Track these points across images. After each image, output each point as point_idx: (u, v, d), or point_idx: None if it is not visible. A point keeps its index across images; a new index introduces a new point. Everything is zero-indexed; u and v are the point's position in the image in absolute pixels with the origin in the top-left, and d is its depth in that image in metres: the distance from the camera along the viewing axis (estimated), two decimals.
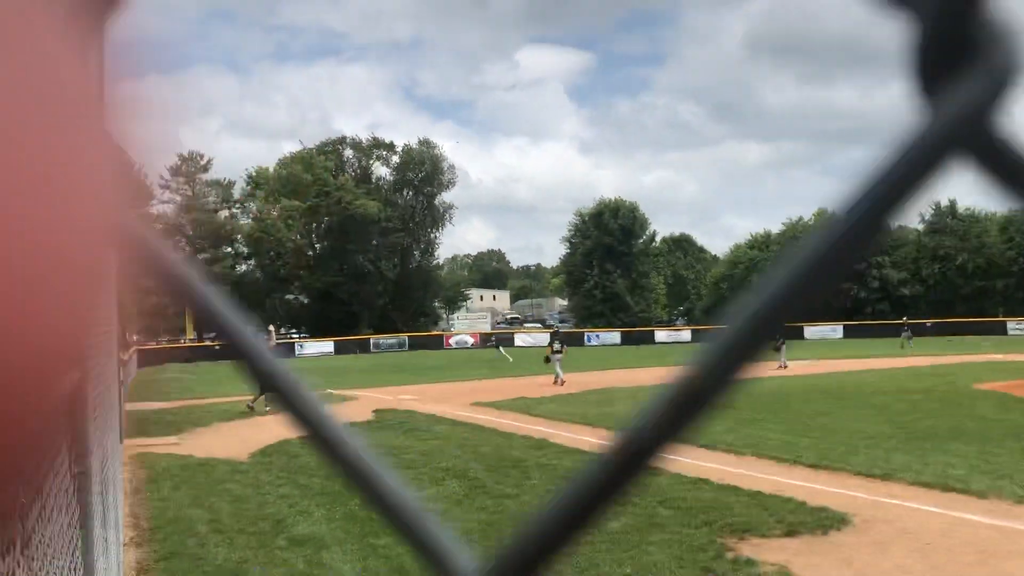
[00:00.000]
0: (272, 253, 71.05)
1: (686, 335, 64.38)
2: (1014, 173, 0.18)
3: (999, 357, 31.16)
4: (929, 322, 63.05)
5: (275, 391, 0.31)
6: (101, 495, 4.05)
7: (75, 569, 2.81)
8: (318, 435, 0.30)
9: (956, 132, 0.18)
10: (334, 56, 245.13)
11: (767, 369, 28.04)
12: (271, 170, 74.90)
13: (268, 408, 18.20)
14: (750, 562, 6.72)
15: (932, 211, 72.15)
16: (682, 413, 0.21)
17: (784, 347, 29.26)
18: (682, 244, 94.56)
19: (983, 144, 0.18)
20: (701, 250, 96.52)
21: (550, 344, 26.18)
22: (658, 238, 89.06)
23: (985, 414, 14.74)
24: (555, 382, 23.98)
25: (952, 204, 71.98)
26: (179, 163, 72.91)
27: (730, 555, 6.95)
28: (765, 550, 7.10)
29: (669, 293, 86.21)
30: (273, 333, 20.96)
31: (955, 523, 7.73)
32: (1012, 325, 59.51)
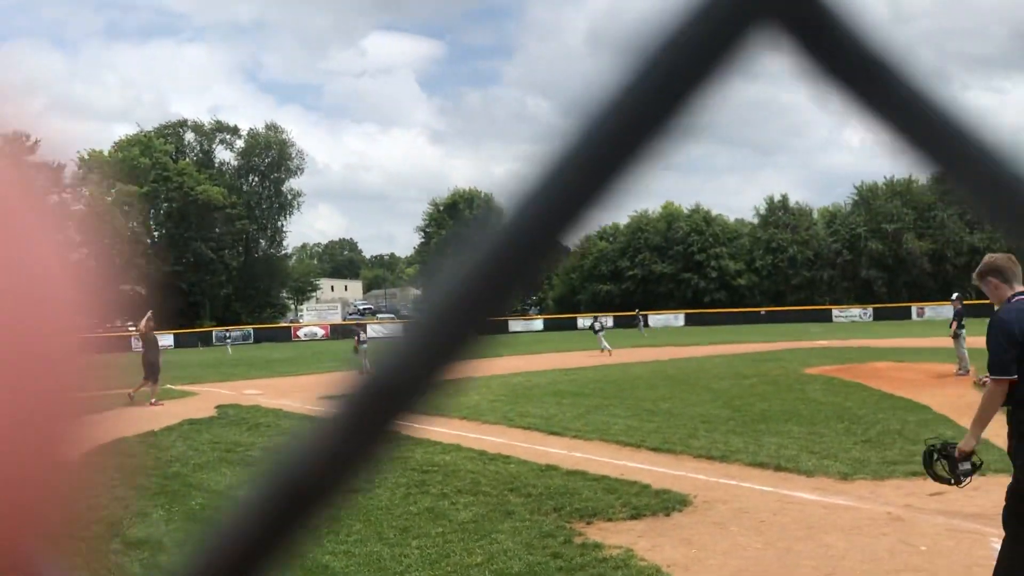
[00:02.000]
0: (106, 240, 67.05)
1: (538, 324, 65.61)
2: (832, 41, 0.14)
3: (825, 343, 33.30)
4: (763, 310, 66.73)
5: None
6: None
7: None
8: None
9: None
10: (171, 36, 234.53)
11: (598, 356, 28.79)
12: (106, 153, 70.77)
13: (152, 401, 17.54)
14: (597, 546, 6.84)
15: (766, 205, 76.47)
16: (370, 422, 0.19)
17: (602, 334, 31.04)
18: None
19: (797, 6, 0.14)
20: None
21: (356, 336, 27.15)
22: None
23: (814, 397, 15.68)
24: (360, 373, 24.37)
25: (784, 198, 76.42)
26: (0, 143, 67.80)
27: (578, 540, 7.06)
28: (611, 533, 7.25)
29: None
30: (151, 318, 18.77)
31: (786, 501, 8.15)
32: (836, 312, 63.93)
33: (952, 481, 5.17)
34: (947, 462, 5.16)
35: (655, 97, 0.15)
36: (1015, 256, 5.19)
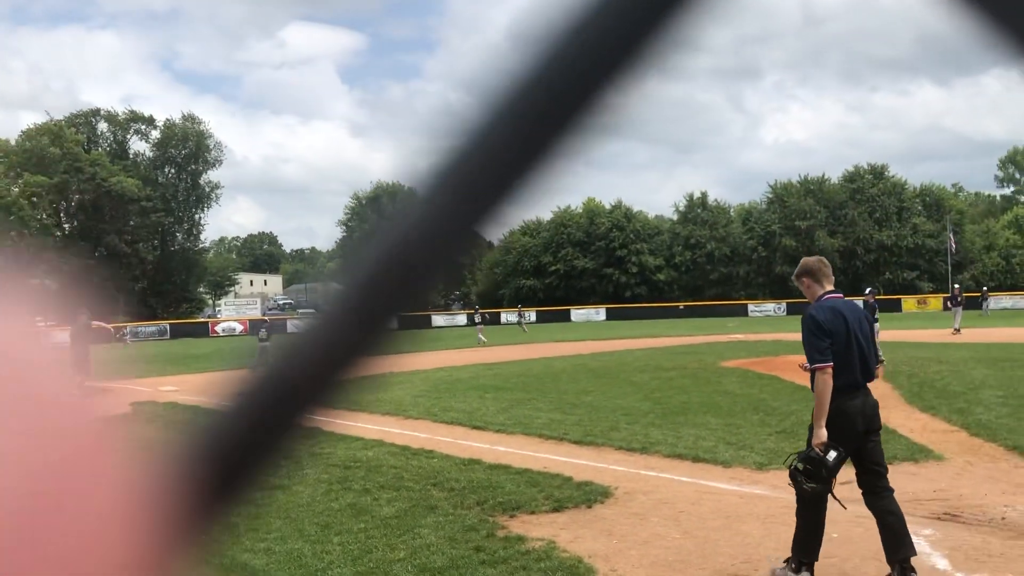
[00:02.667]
0: (14, 233, 64.47)
1: (461, 319, 65.61)
2: None
3: (741, 337, 34.13)
4: (681, 305, 68.01)
5: None
6: None
7: None
8: None
9: None
10: (81, 22, 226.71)
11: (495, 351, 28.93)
12: (12, 142, 67.84)
13: None
14: (519, 539, 6.89)
15: (686, 202, 77.89)
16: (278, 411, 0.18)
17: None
18: None
19: None
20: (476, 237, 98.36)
21: (258, 332, 27.28)
22: None
23: (731, 389, 16.05)
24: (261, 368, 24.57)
25: (703, 196, 77.97)
26: None
27: (501, 533, 7.09)
28: (534, 526, 7.31)
29: None
30: (84, 313, 17.69)
31: (704, 491, 8.34)
32: (752, 307, 65.53)
33: (823, 481, 5.33)
34: (812, 464, 5.32)
35: (568, 84, 0.12)
36: (825, 259, 5.68)
